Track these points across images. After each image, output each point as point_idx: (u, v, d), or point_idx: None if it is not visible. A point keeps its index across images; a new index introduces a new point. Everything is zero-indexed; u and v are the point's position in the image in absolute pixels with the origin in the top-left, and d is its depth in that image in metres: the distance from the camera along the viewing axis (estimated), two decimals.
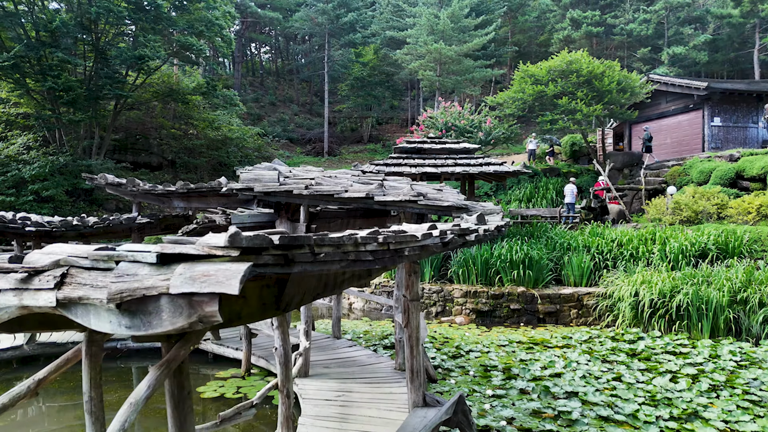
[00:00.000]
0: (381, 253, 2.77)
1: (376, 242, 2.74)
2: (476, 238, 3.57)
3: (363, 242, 2.66)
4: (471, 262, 13.67)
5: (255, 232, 2.24)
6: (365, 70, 41.88)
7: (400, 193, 5.19)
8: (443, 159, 15.00)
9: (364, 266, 2.71)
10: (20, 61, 19.35)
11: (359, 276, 3.99)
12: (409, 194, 5.15)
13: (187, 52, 22.96)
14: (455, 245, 3.37)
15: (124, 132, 29.19)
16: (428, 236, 2.98)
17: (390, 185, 6.56)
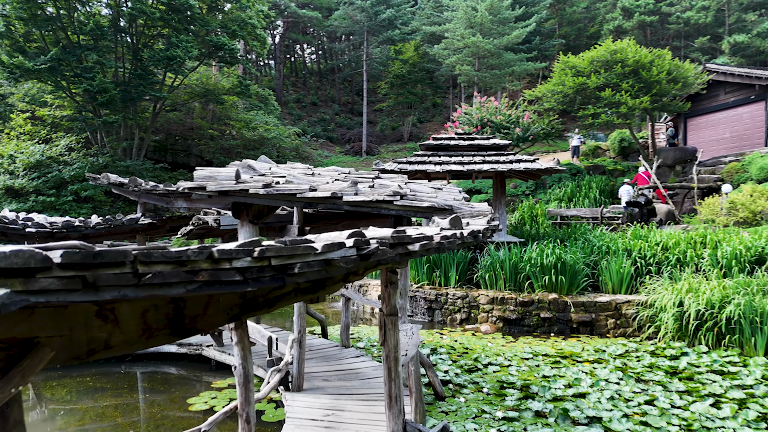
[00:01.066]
0: (256, 271, 2.10)
1: (249, 257, 2.08)
2: (424, 247, 2.85)
3: (225, 257, 2.00)
4: (498, 266, 12.79)
5: (29, 246, 1.62)
6: (405, 68, 41.17)
7: (374, 193, 4.52)
8: (471, 156, 14.14)
9: (232, 288, 2.05)
10: (57, 64, 19.76)
11: (304, 290, 3.35)
12: (384, 194, 4.48)
13: (220, 52, 22.93)
14: (387, 259, 2.67)
15: (164, 133, 29.63)
16: (335, 248, 2.29)
17: (380, 183, 5.88)
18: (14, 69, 18.88)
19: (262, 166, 5.70)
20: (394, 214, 4.66)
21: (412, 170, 13.63)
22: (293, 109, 44.60)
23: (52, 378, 9.12)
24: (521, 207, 19.64)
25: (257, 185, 4.38)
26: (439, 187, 6.44)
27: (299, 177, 5.13)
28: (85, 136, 26.22)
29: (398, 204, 4.51)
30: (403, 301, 7.69)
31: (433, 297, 13.11)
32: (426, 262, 13.62)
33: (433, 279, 13.60)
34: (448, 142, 14.71)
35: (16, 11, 19.24)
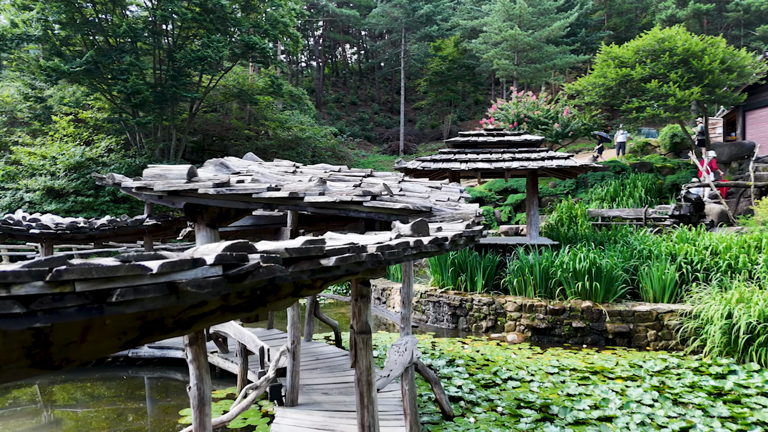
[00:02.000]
0: (51, 300, 1.55)
1: (41, 281, 1.54)
2: (346, 261, 2.24)
3: None
4: (528, 271, 11.93)
5: None
6: (444, 64, 40.26)
7: (343, 192, 3.93)
8: (500, 153, 13.31)
9: (11, 326, 1.51)
10: (94, 66, 20.10)
11: (235, 308, 2.81)
12: (353, 194, 3.88)
13: (253, 52, 22.83)
14: (284, 277, 2.07)
15: (202, 134, 29.92)
16: (184, 266, 1.72)
17: (369, 182, 5.28)
18: (51, 72, 19.31)
19: (238, 164, 5.20)
20: (364, 216, 4.06)
21: (436, 168, 12.94)
22: (332, 109, 44.46)
23: (55, 381, 8.96)
24: (559, 207, 18.59)
25: (208, 184, 3.87)
26: (437, 186, 5.79)
27: (269, 176, 4.59)
28: (125, 138, 26.72)
29: (368, 205, 3.90)
30: (405, 311, 7.06)
31: (458, 303, 12.39)
32: (450, 265, 12.90)
33: (459, 284, 12.87)
34: (476, 139, 13.93)
35: (54, 15, 19.68)
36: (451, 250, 3.31)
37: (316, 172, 5.45)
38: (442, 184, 5.88)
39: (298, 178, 4.77)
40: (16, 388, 8.61)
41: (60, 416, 7.76)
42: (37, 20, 19.35)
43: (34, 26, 19.24)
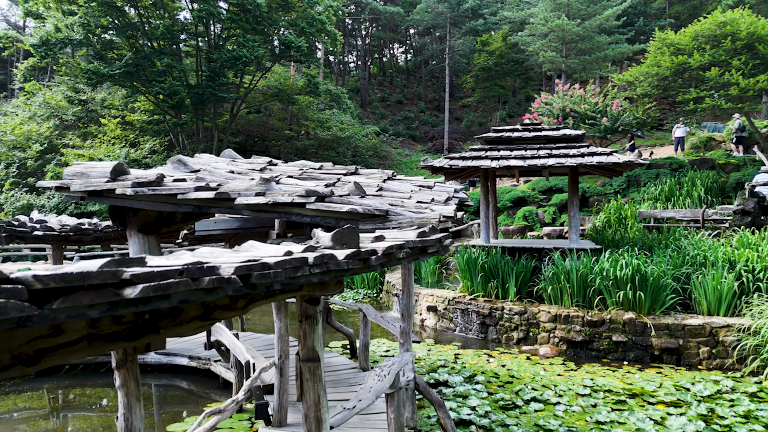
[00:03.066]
0: None
1: None
2: (160, 291, 1.60)
3: None
4: (564, 278, 10.91)
5: None
6: (491, 59, 38.95)
7: (285, 193, 3.29)
8: (535, 149, 12.30)
9: None
10: (134, 68, 20.39)
11: (105, 337, 2.23)
12: (295, 194, 3.23)
13: (290, 51, 22.57)
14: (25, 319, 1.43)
15: (244, 135, 30.06)
16: None
17: (348, 180, 4.60)
18: (92, 75, 19.71)
19: (200, 162, 4.65)
20: (308, 221, 3.39)
21: (465, 167, 12.09)
22: (377, 108, 43.97)
23: (60, 386, 8.76)
24: (607, 208, 17.29)
25: (126, 184, 3.32)
26: (428, 186, 5.05)
27: (217, 174, 4.01)
28: (168, 139, 27.13)
29: (312, 208, 3.24)
30: (405, 324, 6.35)
31: (487, 311, 11.51)
32: (480, 270, 12.02)
33: (489, 290, 11.97)
34: (510, 134, 12.98)
35: (96, 19, 20.09)
36: (388, 265, 2.59)
37: (288, 170, 4.83)
38: (435, 183, 5.14)
39: (250, 177, 4.15)
40: (19, 392, 8.45)
41: (64, 421, 7.53)
42: (80, 25, 19.79)
43: (76, 30, 19.69)
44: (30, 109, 28.45)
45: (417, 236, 2.82)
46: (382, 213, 3.18)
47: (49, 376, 9.03)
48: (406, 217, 3.17)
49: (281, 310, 6.12)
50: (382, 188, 4.55)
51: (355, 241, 2.52)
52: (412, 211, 3.34)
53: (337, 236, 2.46)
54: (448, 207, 3.52)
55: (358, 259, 2.37)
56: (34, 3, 22.59)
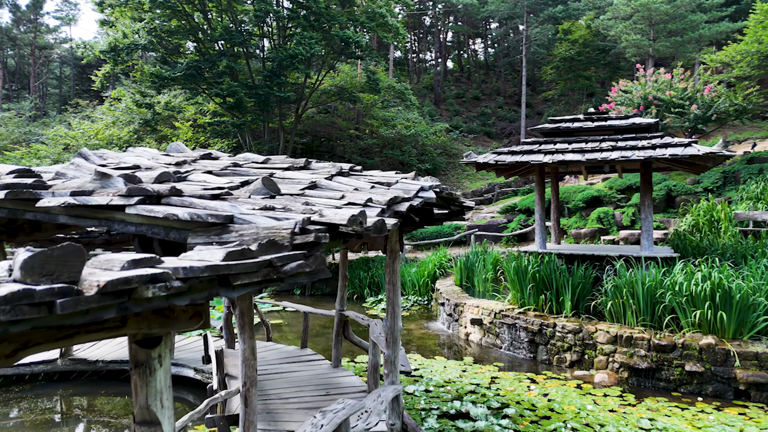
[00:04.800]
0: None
1: None
2: None
3: None
4: (628, 292, 9.25)
5: None
6: (574, 48, 36.24)
7: (102, 192, 2.39)
8: (597, 142, 10.65)
9: None
10: (196, 71, 20.60)
11: None
12: (113, 193, 2.32)
13: (351, 48, 21.89)
14: None
15: (311, 136, 29.90)
16: None
17: (275, 177, 3.65)
18: (155, 79, 20.14)
19: (104, 156, 3.88)
20: (133, 231, 2.47)
21: (513, 162, 10.69)
22: (451, 105, 42.51)
23: (78, 392, 8.48)
24: (695, 209, 15.02)
25: None
26: (384, 183, 3.98)
27: (89, 170, 3.19)
28: (237, 141, 27.45)
29: (132, 213, 2.31)
30: (390, 351, 5.27)
31: (537, 328, 10.05)
32: (531, 280, 10.58)
33: (541, 303, 10.50)
34: (570, 125, 11.40)
35: (161, 24, 20.54)
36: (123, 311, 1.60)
37: (220, 164, 3.94)
38: (400, 180, 4.05)
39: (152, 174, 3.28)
40: (47, 396, 8.25)
41: (74, 427, 7.21)
42: (146, 30, 20.29)
43: (141, 34, 20.21)
44: (114, 114, 29.95)
45: (223, 259, 1.79)
46: (220, 221, 2.19)
47: (60, 382, 8.81)
48: (252, 228, 2.15)
49: (245, 329, 5.24)
50: (313, 186, 3.56)
51: (74, 269, 1.54)
52: (278, 216, 2.31)
53: (36, 261, 1.49)
54: (346, 211, 2.45)
55: (29, 305, 1.39)
56: (110, 12, 23.60)
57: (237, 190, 3.14)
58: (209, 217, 2.19)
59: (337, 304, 8.65)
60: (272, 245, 1.95)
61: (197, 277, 1.66)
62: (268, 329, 10.37)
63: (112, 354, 9.27)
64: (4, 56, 51.24)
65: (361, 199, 3.30)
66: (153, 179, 3.14)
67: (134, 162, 3.89)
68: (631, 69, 41.00)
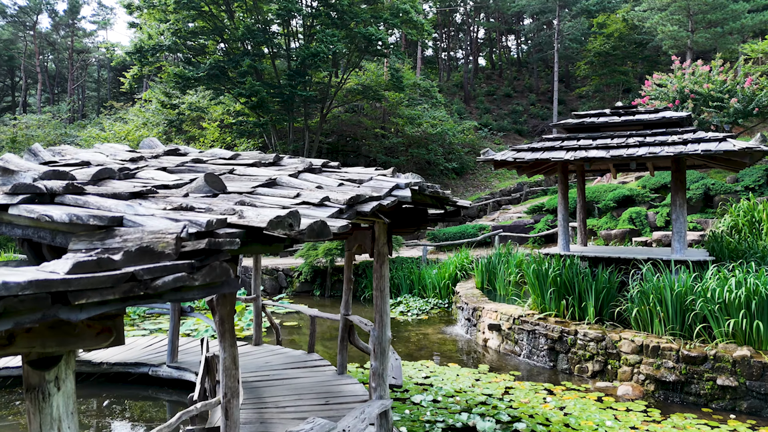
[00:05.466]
0: None
1: None
2: None
3: None
4: (655, 299, 8.61)
5: None
6: (609, 43, 34.99)
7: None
8: (623, 137, 9.99)
9: None
10: (219, 71, 20.62)
11: None
12: (1, 194, 2.02)
13: (375, 45, 21.55)
14: None
15: (337, 135, 29.69)
16: None
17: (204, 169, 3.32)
18: (178, 79, 20.24)
19: (57, 151, 3.63)
20: (19, 235, 2.15)
21: (533, 159, 10.14)
22: (481, 103, 41.71)
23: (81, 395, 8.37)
24: (734, 209, 14.10)
25: None
26: (356, 180, 3.61)
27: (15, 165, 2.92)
28: (262, 141, 27.46)
29: (14, 214, 1.99)
30: (377, 363, 4.88)
31: (558, 335, 9.49)
32: (552, 284, 10.02)
33: (563, 309, 9.92)
34: (595, 120, 10.77)
35: (185, 25, 20.63)
36: None
37: (179, 160, 3.63)
38: (374, 177, 3.67)
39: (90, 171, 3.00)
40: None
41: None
42: (171, 32, 20.41)
43: (166, 35, 20.34)
44: (144, 115, 30.38)
45: (69, 271, 1.44)
46: (104, 224, 1.85)
47: None
48: (138, 232, 1.81)
49: (225, 336, 4.93)
50: (270, 183, 3.23)
51: None
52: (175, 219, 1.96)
53: None
54: (270, 212, 2.09)
55: None
56: (139, 14, 23.89)
57: (172, 189, 2.81)
58: (91, 219, 1.86)
59: (342, 308, 8.28)
60: (145, 254, 1.60)
61: (16, 296, 1.32)
62: (277, 332, 10.09)
63: (117, 356, 9.15)
64: (45, 60, 52.94)
65: (317, 197, 2.93)
66: (90, 177, 2.83)
67: (88, 158, 3.61)
68: (669, 63, 39.45)
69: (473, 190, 28.82)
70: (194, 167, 3.53)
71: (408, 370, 9.27)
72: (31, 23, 46.00)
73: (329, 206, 2.87)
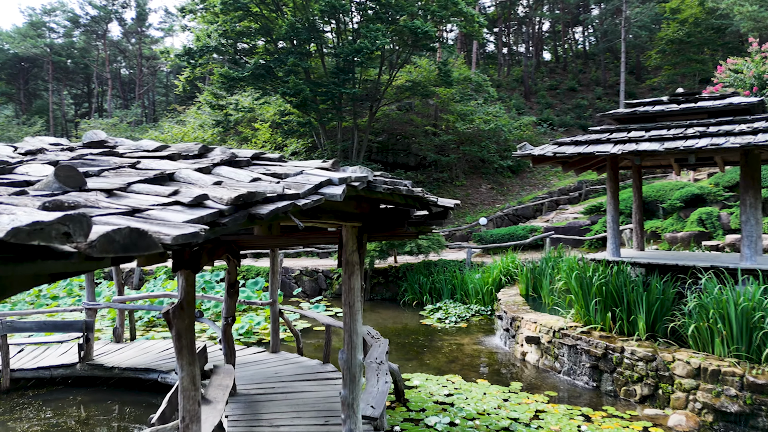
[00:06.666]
0: None
1: None
2: None
3: None
4: (716, 314, 7.40)
5: None
6: (683, 29, 32.37)
7: None
8: (682, 128, 8.73)
9: None
10: (265, 70, 20.52)
11: None
12: None
13: (422, 39, 20.73)
14: None
15: (387, 134, 29.12)
16: None
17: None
18: (224, 80, 20.30)
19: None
20: None
21: (574, 153, 9.08)
22: (543, 98, 39.84)
23: (96, 400, 8.22)
24: None
25: None
26: (278, 174, 2.97)
27: None
28: (312, 141, 27.30)
29: None
30: (346, 392, 4.20)
31: (601, 352, 8.40)
32: (597, 294, 8.93)
33: (609, 322, 8.81)
34: (649, 108, 9.55)
35: (232, 26, 20.69)
36: None
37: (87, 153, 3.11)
38: (305, 170, 2.99)
39: None
40: (66, 401, 8.07)
41: None
42: (219, 33, 20.53)
43: (213, 36, 20.46)
44: (201, 117, 31.03)
45: None
46: None
47: (77, 387, 8.58)
48: None
49: (183, 353, 4.39)
50: (159, 178, 2.63)
51: None
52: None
53: None
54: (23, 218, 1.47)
55: None
56: (192, 18, 24.32)
57: (32, 186, 2.24)
58: None
59: None
60: None
61: None
62: (297, 339, 9.57)
63: (130, 361, 8.93)
64: (118, 68, 55.73)
65: (191, 195, 2.29)
66: None
67: None
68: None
69: (530, 189, 27.39)
70: (93, 161, 2.98)
71: (430, 385, 8.49)
72: (102, 32, 48.50)
73: (207, 207, 2.23)
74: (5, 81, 48.42)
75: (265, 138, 27.76)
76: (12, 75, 49.03)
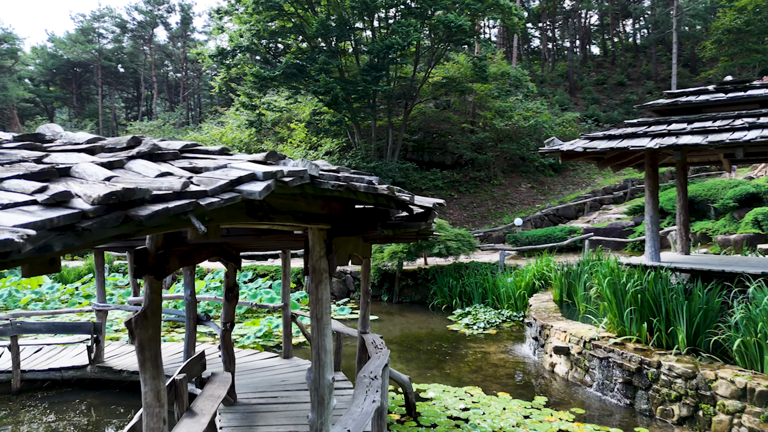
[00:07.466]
0: None
1: None
2: None
3: None
4: (766, 328, 6.56)
5: None
6: (741, 17, 30.37)
7: None
8: (729, 119, 7.85)
9: None
10: (297, 69, 20.35)
11: None
12: None
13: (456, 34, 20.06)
14: None
15: (423, 132, 28.56)
16: None
17: None
18: (255, 79, 20.24)
19: None
20: None
21: (606, 149, 8.33)
22: (589, 93, 38.29)
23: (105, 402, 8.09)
24: None
25: None
26: (198, 168, 2.55)
27: None
28: (346, 140, 27.03)
29: None
30: (313, 415, 3.75)
31: (636, 366, 7.64)
32: (632, 302, 8.16)
33: (645, 334, 8.03)
34: (692, 99, 8.69)
35: (264, 25, 20.63)
36: None
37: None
38: (233, 165, 2.55)
39: None
40: (76, 403, 7.99)
41: None
42: (252, 33, 20.49)
43: (245, 36, 20.45)
44: (238, 118, 31.31)
45: None
46: None
47: (86, 390, 8.48)
48: None
49: (146, 366, 4.04)
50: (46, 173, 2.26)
51: None
52: None
53: None
54: None
55: None
56: (228, 19, 24.48)
57: None
58: None
59: (359, 325, 7.19)
60: None
61: None
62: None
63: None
64: (166, 71, 57.26)
65: (50, 194, 1.90)
66: None
67: None
68: None
69: (573, 188, 26.23)
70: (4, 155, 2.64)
71: (446, 398, 7.94)
72: (148, 36, 49.89)
73: (70, 207, 1.85)
74: (60, 86, 50.51)
75: (300, 138, 27.69)
76: (66, 80, 51.13)
